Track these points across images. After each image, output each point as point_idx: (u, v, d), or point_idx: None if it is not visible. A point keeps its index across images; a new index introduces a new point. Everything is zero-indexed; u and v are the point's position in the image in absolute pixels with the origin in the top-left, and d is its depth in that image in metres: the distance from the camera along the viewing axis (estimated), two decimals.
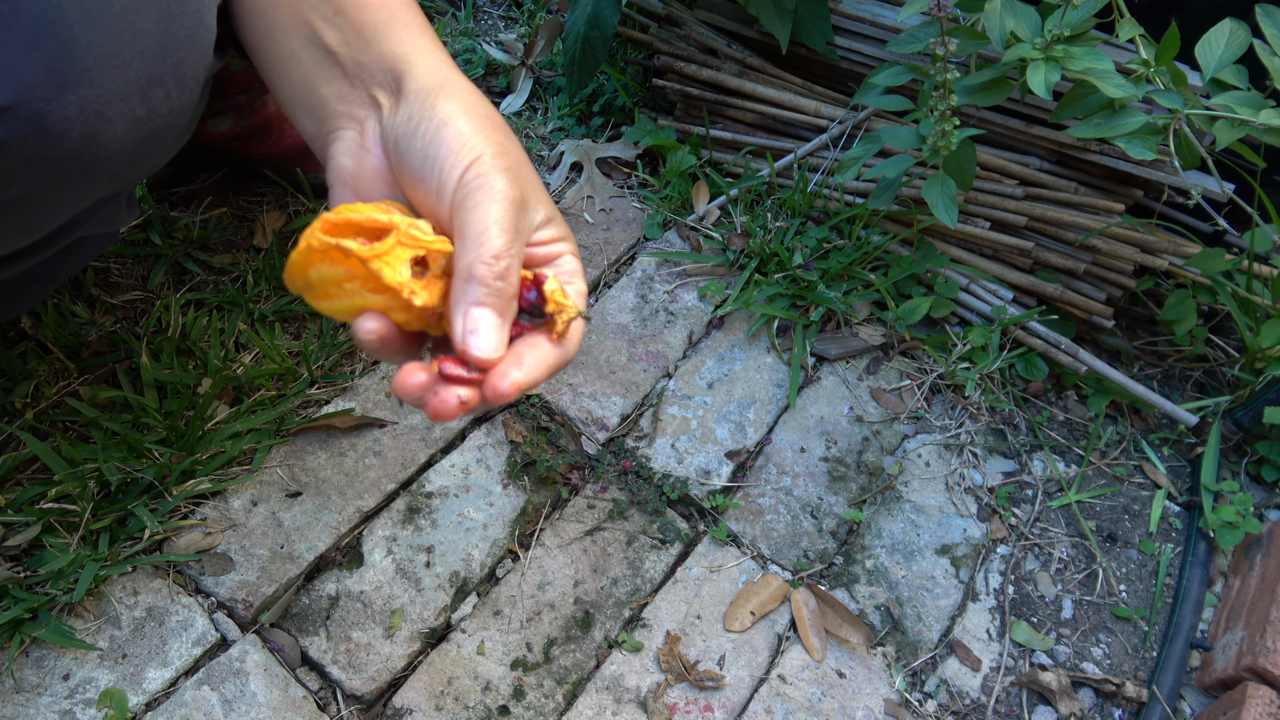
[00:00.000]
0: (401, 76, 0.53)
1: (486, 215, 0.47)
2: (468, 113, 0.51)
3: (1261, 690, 0.86)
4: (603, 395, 1.07)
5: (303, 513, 0.93)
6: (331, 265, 0.46)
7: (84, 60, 0.51)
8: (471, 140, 0.49)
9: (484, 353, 0.45)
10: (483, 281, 0.46)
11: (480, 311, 0.46)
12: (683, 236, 1.24)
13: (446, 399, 0.45)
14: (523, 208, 0.49)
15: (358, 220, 0.47)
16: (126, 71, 0.53)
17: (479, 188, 0.48)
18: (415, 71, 0.53)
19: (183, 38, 0.56)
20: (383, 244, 0.46)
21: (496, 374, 0.46)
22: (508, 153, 0.50)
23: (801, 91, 1.25)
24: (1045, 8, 0.98)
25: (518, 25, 1.50)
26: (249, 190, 1.18)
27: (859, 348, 1.16)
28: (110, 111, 0.53)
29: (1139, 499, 1.09)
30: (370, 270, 0.45)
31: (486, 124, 0.51)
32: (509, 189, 0.48)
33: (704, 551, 0.98)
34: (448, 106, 0.51)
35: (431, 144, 0.49)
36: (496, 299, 0.46)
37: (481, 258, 0.46)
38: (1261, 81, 0.92)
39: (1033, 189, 1.16)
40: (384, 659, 0.87)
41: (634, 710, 0.87)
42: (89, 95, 0.52)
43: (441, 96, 0.51)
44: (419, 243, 0.47)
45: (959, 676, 0.94)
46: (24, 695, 0.80)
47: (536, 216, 0.51)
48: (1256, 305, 1.11)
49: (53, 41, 0.50)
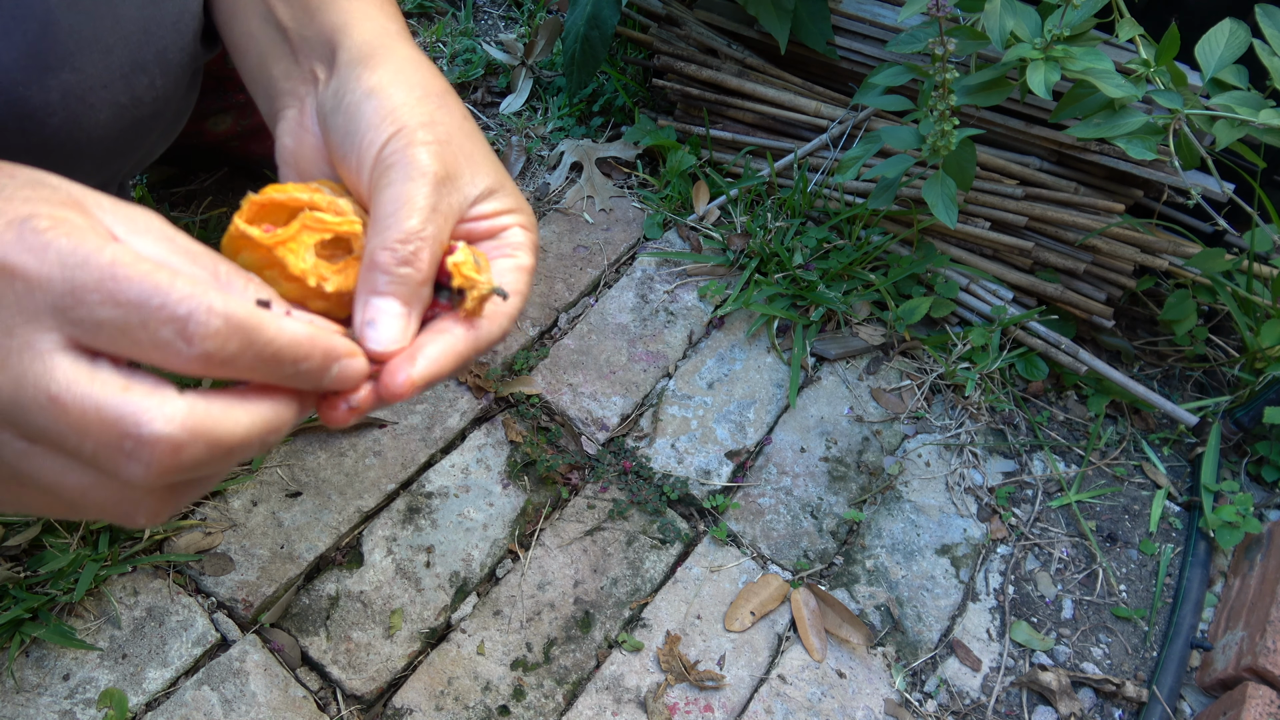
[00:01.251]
0: (336, 48, 0.49)
1: (399, 194, 0.43)
2: (396, 82, 0.47)
3: (1261, 690, 0.86)
4: (603, 395, 1.07)
5: (303, 513, 0.93)
6: (250, 253, 0.42)
7: (65, 44, 0.50)
8: (396, 113, 0.45)
9: (381, 345, 0.40)
10: (384, 268, 0.41)
11: (380, 301, 0.41)
12: (683, 236, 1.24)
13: (333, 404, 0.39)
14: (447, 183, 0.44)
15: (281, 200, 0.43)
16: (109, 57, 0.53)
17: (395, 164, 0.43)
18: (348, 41, 0.49)
19: (167, 24, 0.56)
20: (287, 229, 0.42)
21: (388, 371, 0.40)
22: (435, 124, 0.45)
23: (801, 91, 1.25)
24: (1045, 8, 0.98)
25: (518, 25, 1.50)
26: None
27: (859, 348, 1.16)
28: (93, 98, 0.53)
29: (1139, 499, 1.09)
30: (275, 258, 0.42)
31: (416, 93, 0.47)
32: (430, 163, 0.44)
33: (704, 551, 0.98)
34: (373, 77, 0.47)
35: (353, 119, 0.46)
36: (400, 286, 0.41)
37: (385, 242, 0.41)
38: (1261, 81, 0.92)
39: (1033, 189, 1.16)
40: (384, 659, 0.87)
41: (634, 710, 0.87)
42: (70, 80, 0.51)
43: (368, 66, 0.47)
44: (325, 225, 0.43)
45: (959, 676, 0.94)
46: (24, 695, 0.80)
47: (471, 190, 0.46)
48: (1256, 305, 1.11)
49: (33, 24, 0.49)
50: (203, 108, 1.06)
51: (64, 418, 0.32)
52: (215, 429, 0.33)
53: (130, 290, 0.31)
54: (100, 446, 0.32)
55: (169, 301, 0.32)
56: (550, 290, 1.16)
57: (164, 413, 0.32)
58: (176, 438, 0.32)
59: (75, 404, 0.31)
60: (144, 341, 0.32)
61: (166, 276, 0.32)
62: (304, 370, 0.36)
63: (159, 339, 0.32)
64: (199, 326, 0.32)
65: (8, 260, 0.31)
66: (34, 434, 0.33)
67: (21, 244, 0.31)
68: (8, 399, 0.32)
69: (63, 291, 0.31)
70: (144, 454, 0.32)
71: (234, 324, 0.33)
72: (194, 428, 0.33)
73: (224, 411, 0.34)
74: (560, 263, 1.18)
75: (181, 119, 0.66)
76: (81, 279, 0.31)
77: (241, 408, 0.35)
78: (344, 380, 0.38)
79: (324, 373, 0.37)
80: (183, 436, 0.32)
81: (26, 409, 0.32)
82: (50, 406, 0.32)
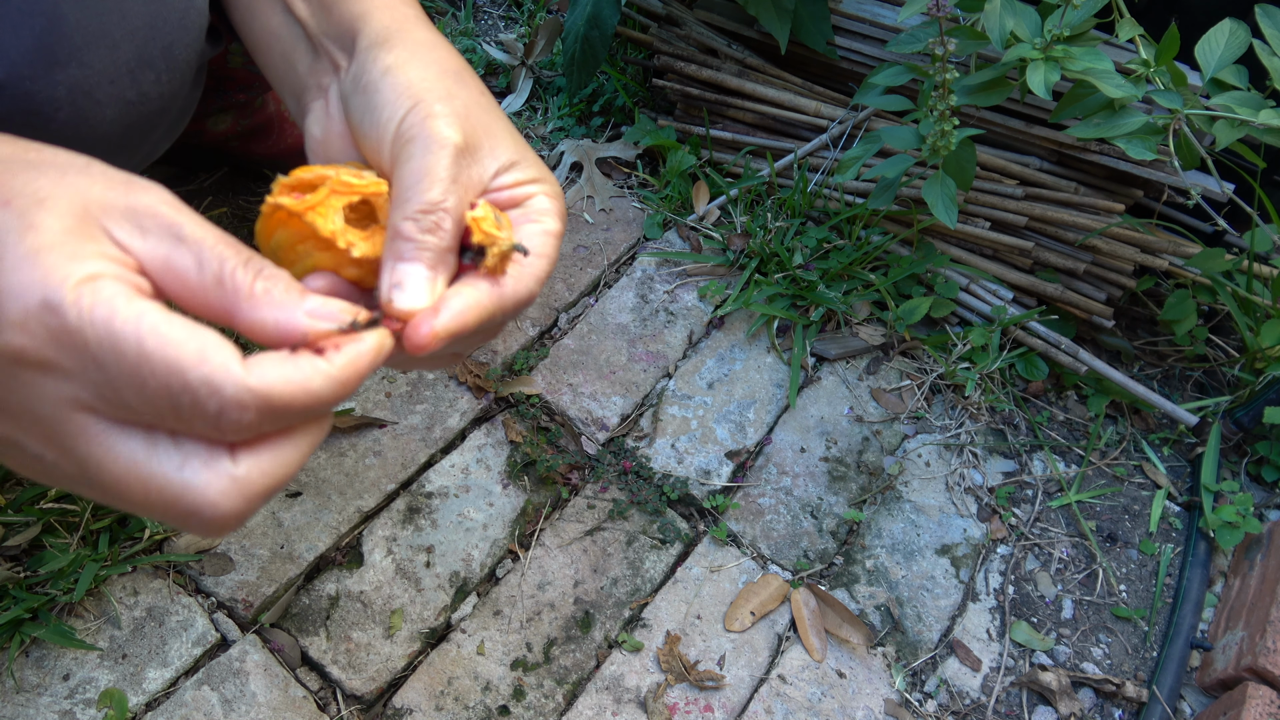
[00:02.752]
0: (356, 35, 0.50)
1: (420, 166, 0.43)
2: (413, 59, 0.48)
3: (1261, 690, 0.86)
4: (603, 395, 1.07)
5: (303, 513, 0.93)
6: (284, 229, 0.43)
7: (72, 39, 0.50)
8: (414, 87, 0.46)
9: (408, 305, 0.41)
10: (408, 236, 0.42)
11: (407, 266, 0.42)
12: (683, 236, 1.24)
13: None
14: (466, 154, 0.45)
15: (308, 179, 0.44)
16: (115, 52, 0.53)
17: (414, 137, 0.44)
18: (367, 28, 0.50)
19: (173, 20, 0.56)
20: (315, 195, 0.43)
21: (412, 324, 0.41)
22: (453, 97, 0.46)
23: (801, 91, 1.25)
24: (1045, 8, 0.98)
25: (518, 25, 1.50)
26: (249, 190, 1.18)
27: (859, 348, 1.16)
28: (99, 93, 0.53)
29: (1139, 499, 1.09)
30: (306, 224, 0.42)
31: (433, 69, 0.47)
32: (449, 134, 0.44)
33: (704, 551, 0.98)
34: (391, 56, 0.48)
35: (371, 97, 0.47)
36: (426, 253, 0.42)
37: (408, 212, 0.42)
38: (1261, 81, 0.92)
39: (1033, 189, 1.16)
40: (384, 659, 0.87)
41: (634, 710, 0.87)
42: (77, 75, 0.51)
43: (386, 47, 0.48)
44: (352, 188, 0.44)
45: (959, 676, 0.94)
46: (24, 695, 0.80)
47: (492, 163, 0.47)
48: (1256, 305, 1.11)
49: (40, 19, 0.49)
50: (203, 107, 1.06)
51: (131, 494, 0.36)
52: (267, 483, 0.37)
53: (159, 384, 0.34)
54: (166, 516, 0.36)
55: (199, 399, 0.34)
56: (550, 290, 1.16)
57: (219, 488, 0.36)
58: (233, 508, 0.36)
59: (140, 484, 0.35)
60: (182, 428, 0.36)
61: (194, 354, 0.34)
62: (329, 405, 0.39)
63: (195, 429, 0.36)
64: (231, 423, 0.35)
65: (43, 356, 0.34)
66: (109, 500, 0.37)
67: (49, 335, 0.34)
68: (78, 474, 0.36)
69: (98, 382, 0.34)
70: (204, 524, 0.36)
71: (265, 410, 0.35)
72: (248, 493, 0.36)
73: (273, 462, 0.37)
74: (560, 263, 1.18)
75: (186, 116, 0.66)
76: (113, 372, 0.34)
77: (291, 446, 0.38)
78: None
79: (342, 399, 0.40)
80: (238, 505, 0.36)
81: (95, 484, 0.36)
82: (116, 486, 0.36)
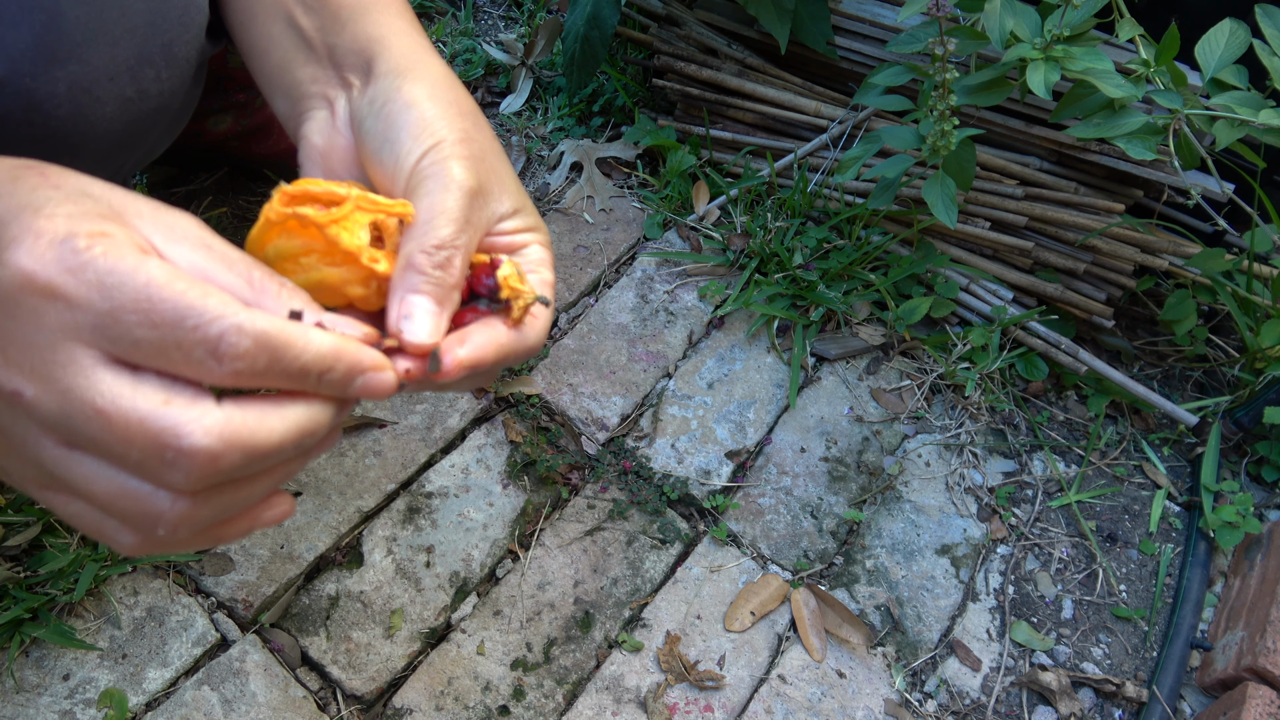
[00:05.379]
0: (373, 59, 0.52)
1: (435, 204, 0.45)
2: (434, 97, 0.49)
3: (1261, 690, 0.86)
4: (603, 395, 1.07)
5: (303, 513, 0.93)
6: (289, 238, 0.44)
7: (72, 35, 0.50)
8: (434, 125, 0.48)
9: (418, 338, 0.43)
10: (420, 269, 0.44)
11: (416, 298, 0.44)
12: (683, 236, 1.24)
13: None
14: (479, 197, 0.47)
15: (316, 192, 0.45)
16: (115, 49, 0.53)
17: (433, 175, 0.46)
18: (387, 54, 0.52)
19: (173, 17, 0.56)
20: (340, 209, 0.44)
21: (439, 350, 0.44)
22: (471, 140, 0.48)
23: (801, 91, 1.25)
24: (1045, 8, 0.98)
25: (518, 25, 1.50)
26: (249, 190, 1.18)
27: (859, 348, 1.16)
28: (99, 90, 0.53)
29: (1139, 499, 1.09)
30: (328, 236, 0.44)
31: (453, 109, 0.49)
32: (465, 177, 0.46)
33: (704, 551, 0.98)
34: (413, 89, 0.49)
35: (392, 127, 0.48)
36: (435, 288, 0.44)
37: (422, 246, 0.44)
38: (1261, 81, 0.92)
39: (1033, 189, 1.16)
40: (384, 659, 0.87)
41: (634, 710, 0.87)
42: (77, 72, 0.51)
43: (408, 79, 0.50)
44: (378, 206, 0.45)
45: (959, 676, 0.94)
46: (24, 695, 0.80)
47: (499, 208, 0.49)
48: (1256, 305, 1.11)
49: (40, 15, 0.49)
50: (203, 107, 1.06)
51: (110, 429, 0.34)
52: (251, 438, 0.36)
53: (164, 311, 0.34)
54: (144, 455, 0.35)
55: (201, 323, 0.34)
56: None
57: (203, 425, 0.35)
58: (214, 449, 0.35)
59: (120, 417, 0.34)
60: (178, 360, 0.35)
61: (199, 295, 0.35)
62: (329, 380, 0.39)
63: (192, 358, 0.35)
64: (229, 347, 0.35)
65: (50, 281, 0.34)
66: (78, 441, 0.36)
67: (61, 264, 0.34)
68: (56, 410, 0.35)
69: (101, 312, 0.34)
70: (184, 463, 0.35)
71: (262, 342, 0.35)
72: (230, 438, 0.35)
73: (259, 420, 0.37)
74: (560, 263, 1.18)
75: (186, 114, 0.66)
76: (119, 300, 0.34)
77: (277, 414, 0.37)
78: (371, 390, 0.41)
79: (349, 383, 0.40)
80: (219, 447, 0.35)
81: (73, 419, 0.35)
82: (97, 418, 0.34)
